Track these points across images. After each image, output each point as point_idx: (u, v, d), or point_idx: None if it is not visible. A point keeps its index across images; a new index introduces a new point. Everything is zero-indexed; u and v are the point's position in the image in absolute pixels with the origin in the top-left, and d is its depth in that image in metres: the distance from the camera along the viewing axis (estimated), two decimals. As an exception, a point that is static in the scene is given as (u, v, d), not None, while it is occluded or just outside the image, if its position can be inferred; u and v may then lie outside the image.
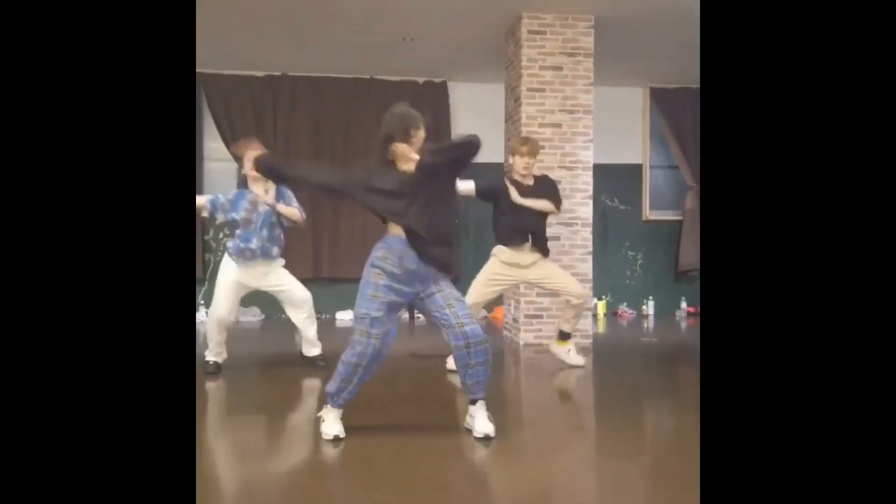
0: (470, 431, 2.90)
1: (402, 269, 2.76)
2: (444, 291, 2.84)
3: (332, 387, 2.88)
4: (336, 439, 2.84)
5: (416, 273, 2.77)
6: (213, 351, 4.28)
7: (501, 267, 4.32)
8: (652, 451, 2.89)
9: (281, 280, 4.27)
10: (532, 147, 4.28)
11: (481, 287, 4.32)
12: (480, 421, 2.86)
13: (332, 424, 2.89)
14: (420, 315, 7.18)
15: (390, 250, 2.76)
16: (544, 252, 4.32)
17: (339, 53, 6.44)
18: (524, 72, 5.40)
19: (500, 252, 4.31)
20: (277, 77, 7.08)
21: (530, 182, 4.32)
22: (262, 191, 4.17)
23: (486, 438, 2.81)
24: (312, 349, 4.43)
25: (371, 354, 2.76)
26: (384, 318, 2.77)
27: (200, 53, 6.24)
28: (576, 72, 5.44)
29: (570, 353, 4.58)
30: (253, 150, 3.68)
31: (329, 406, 2.92)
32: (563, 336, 4.58)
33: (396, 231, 2.79)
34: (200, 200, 4.16)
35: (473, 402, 2.91)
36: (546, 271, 4.35)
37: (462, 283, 4.66)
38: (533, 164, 4.30)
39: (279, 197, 4.20)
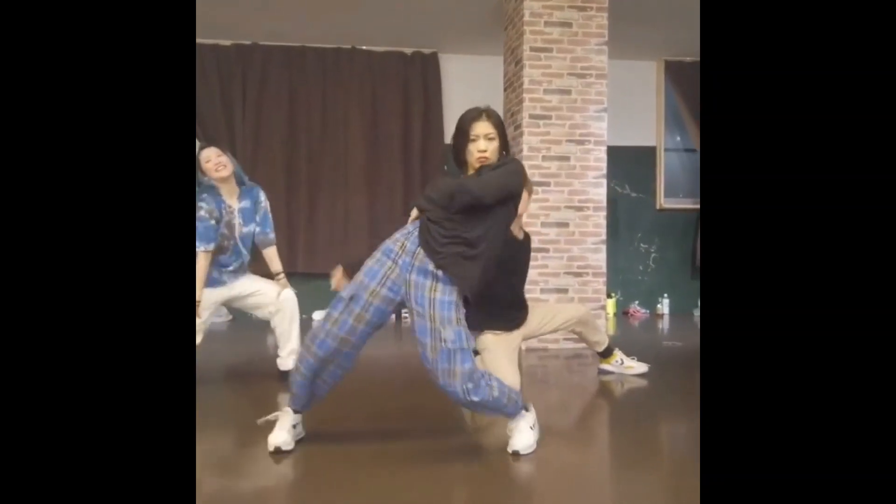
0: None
1: (401, 246, 2.35)
2: (436, 325, 2.24)
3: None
4: (277, 451, 2.38)
5: (412, 252, 2.33)
6: None
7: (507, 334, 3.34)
8: (670, 468, 2.36)
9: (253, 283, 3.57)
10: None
11: (507, 362, 3.22)
12: (517, 434, 2.46)
13: (277, 433, 2.43)
14: (407, 317, 6.41)
15: (402, 229, 2.42)
16: (509, 327, 3.32)
17: (317, 19, 5.66)
18: (527, 28, 4.61)
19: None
20: (247, 46, 6.31)
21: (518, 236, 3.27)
22: (234, 199, 3.49)
23: (515, 455, 2.40)
24: (289, 360, 3.56)
25: (327, 344, 2.32)
26: (352, 305, 2.31)
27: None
28: (587, 28, 4.66)
29: (623, 365, 3.80)
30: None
31: (287, 407, 2.47)
32: (604, 354, 3.82)
33: None
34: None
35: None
36: (537, 322, 3.44)
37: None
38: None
39: (247, 199, 3.53)
